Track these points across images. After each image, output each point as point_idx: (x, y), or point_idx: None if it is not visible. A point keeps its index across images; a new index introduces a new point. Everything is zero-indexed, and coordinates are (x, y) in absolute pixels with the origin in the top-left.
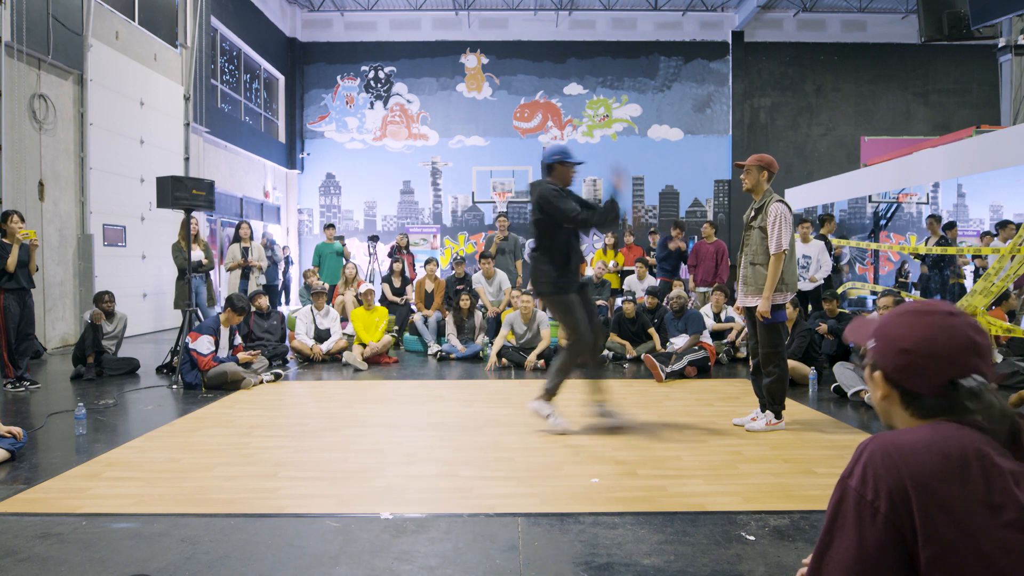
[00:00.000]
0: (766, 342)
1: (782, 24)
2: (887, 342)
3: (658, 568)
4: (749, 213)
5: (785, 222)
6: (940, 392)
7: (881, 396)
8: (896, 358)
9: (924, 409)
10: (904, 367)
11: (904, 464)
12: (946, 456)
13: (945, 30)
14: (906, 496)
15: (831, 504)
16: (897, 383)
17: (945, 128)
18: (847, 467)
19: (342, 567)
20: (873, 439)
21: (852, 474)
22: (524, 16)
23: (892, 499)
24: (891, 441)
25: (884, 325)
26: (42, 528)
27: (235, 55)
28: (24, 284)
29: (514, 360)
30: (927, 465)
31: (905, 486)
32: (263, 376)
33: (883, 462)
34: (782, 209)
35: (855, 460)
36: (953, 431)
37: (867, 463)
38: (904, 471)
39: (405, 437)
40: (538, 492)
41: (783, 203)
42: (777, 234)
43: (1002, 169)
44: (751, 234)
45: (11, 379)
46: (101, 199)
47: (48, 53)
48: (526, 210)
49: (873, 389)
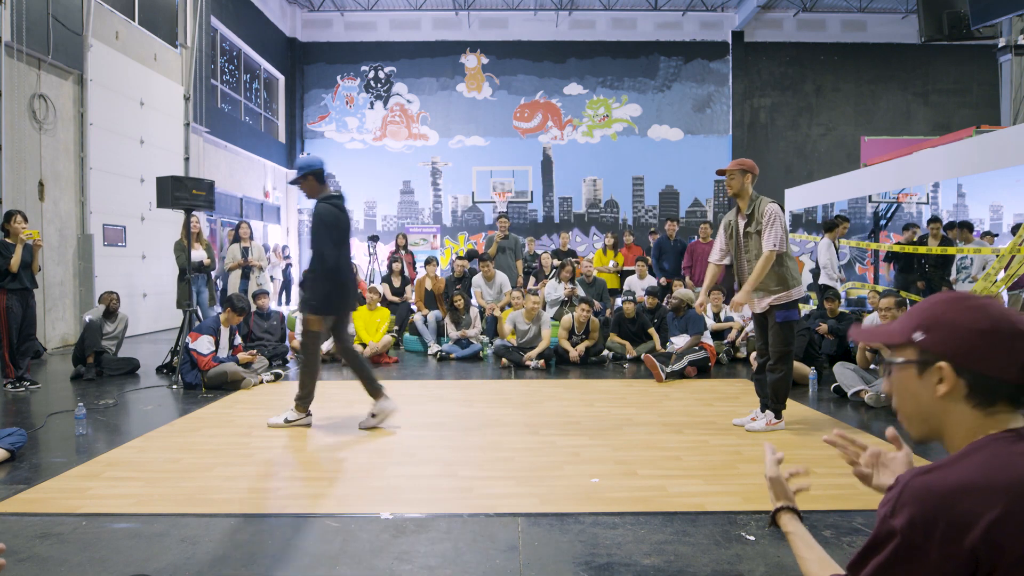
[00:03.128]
0: (779, 341)
1: (782, 24)
2: (951, 328)
3: (658, 568)
4: (737, 221)
5: (780, 222)
6: (1019, 375)
7: (945, 391)
8: (973, 340)
9: (997, 397)
10: (984, 349)
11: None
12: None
13: (945, 30)
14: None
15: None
16: (971, 369)
17: (945, 128)
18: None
19: (342, 567)
20: (913, 482)
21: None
22: (524, 16)
23: (946, 542)
24: (934, 484)
25: (934, 315)
26: (42, 528)
27: (235, 55)
28: (27, 284)
29: (514, 360)
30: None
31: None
32: (263, 376)
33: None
34: (775, 208)
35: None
36: (1004, 450)
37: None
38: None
39: (405, 437)
40: (538, 492)
41: (774, 203)
42: (773, 232)
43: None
44: (750, 241)
45: (11, 379)
46: (101, 199)
47: (48, 53)
48: (526, 210)
49: (924, 388)
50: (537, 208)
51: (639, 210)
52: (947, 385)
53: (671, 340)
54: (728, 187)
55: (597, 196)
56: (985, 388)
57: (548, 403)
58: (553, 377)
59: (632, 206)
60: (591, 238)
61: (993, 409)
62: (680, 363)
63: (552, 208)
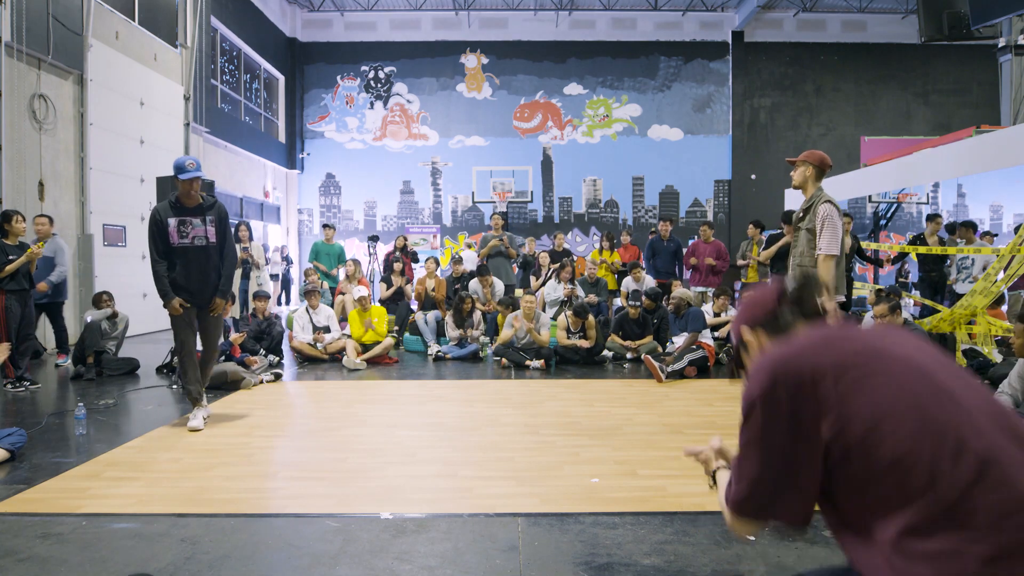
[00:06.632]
0: None
1: (782, 24)
2: (739, 314)
3: (658, 568)
4: (798, 213)
5: (831, 224)
6: (775, 306)
7: (755, 344)
8: (750, 310)
9: (781, 325)
10: (753, 309)
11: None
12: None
13: (945, 30)
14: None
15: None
16: (757, 323)
17: (945, 128)
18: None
19: (342, 567)
20: (762, 360)
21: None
22: (524, 16)
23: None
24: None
25: (738, 312)
26: (42, 528)
27: (235, 55)
28: (26, 285)
29: (514, 360)
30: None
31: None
32: (263, 376)
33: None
34: (829, 210)
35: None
36: (818, 329)
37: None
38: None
39: (405, 437)
40: (538, 492)
41: (831, 203)
42: (823, 236)
43: (1002, 169)
44: (799, 235)
45: (11, 379)
46: (101, 199)
47: (48, 53)
48: (526, 210)
49: (752, 354)
50: (537, 208)
51: (639, 210)
52: (754, 339)
53: (672, 340)
54: (792, 176)
55: (597, 196)
56: (772, 325)
57: (548, 403)
58: (553, 377)
59: (632, 206)
60: (591, 238)
61: (792, 331)
62: (680, 363)
63: (552, 208)
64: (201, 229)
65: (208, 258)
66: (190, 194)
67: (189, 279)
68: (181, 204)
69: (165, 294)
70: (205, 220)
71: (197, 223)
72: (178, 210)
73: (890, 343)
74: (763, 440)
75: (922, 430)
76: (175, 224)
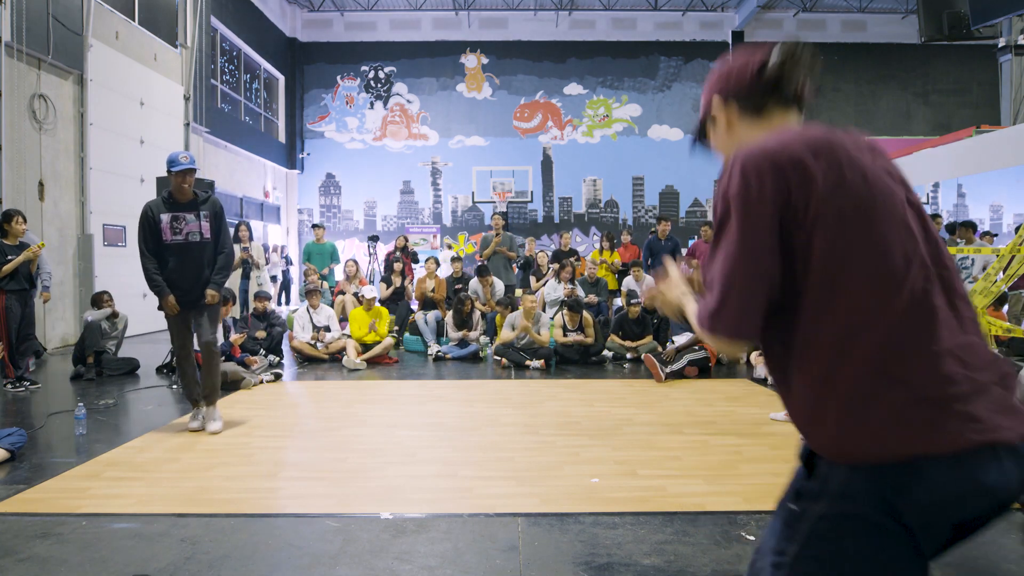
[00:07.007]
0: None
1: (782, 24)
2: (708, 85)
3: (658, 568)
4: None
5: None
6: (758, 75)
7: (724, 120)
8: (721, 77)
9: (761, 102)
10: (729, 77)
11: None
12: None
13: (945, 30)
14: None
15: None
16: (730, 92)
17: (945, 128)
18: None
19: (342, 567)
20: (738, 154)
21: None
22: (524, 16)
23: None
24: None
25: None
26: (42, 528)
27: (235, 55)
28: (25, 284)
29: (514, 360)
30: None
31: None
32: (263, 376)
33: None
34: None
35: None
36: (795, 127)
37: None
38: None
39: (405, 437)
40: (538, 492)
41: None
42: None
43: (1002, 169)
44: None
45: (11, 379)
46: (101, 199)
47: (48, 53)
48: (526, 210)
49: (720, 136)
50: (537, 208)
51: (639, 210)
52: (723, 114)
53: (672, 340)
54: None
55: (597, 196)
56: (746, 102)
57: (548, 403)
58: (553, 377)
59: (632, 206)
60: (591, 238)
61: (768, 113)
62: (680, 363)
63: (552, 208)
64: (195, 224)
65: (202, 255)
66: (183, 188)
67: (182, 276)
68: (174, 199)
69: (160, 291)
70: (199, 215)
71: (191, 218)
72: (171, 205)
73: (865, 155)
74: (740, 242)
75: (896, 224)
76: (168, 220)
